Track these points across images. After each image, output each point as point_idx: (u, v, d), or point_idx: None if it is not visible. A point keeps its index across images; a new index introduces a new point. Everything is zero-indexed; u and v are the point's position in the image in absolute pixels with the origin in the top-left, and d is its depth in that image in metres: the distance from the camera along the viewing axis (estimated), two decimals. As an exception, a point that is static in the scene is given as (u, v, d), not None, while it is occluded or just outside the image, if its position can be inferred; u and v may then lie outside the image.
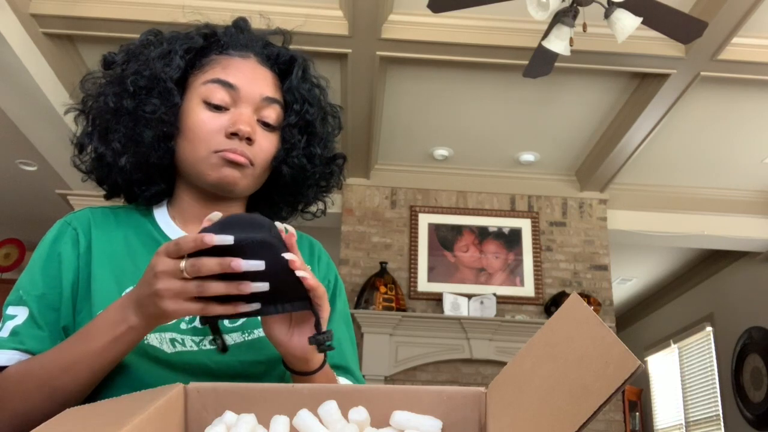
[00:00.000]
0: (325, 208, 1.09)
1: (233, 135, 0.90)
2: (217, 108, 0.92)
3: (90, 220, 0.93)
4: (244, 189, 0.94)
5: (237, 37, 0.99)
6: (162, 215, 0.97)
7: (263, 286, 0.70)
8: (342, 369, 0.95)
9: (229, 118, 0.91)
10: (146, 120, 0.91)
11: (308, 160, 0.98)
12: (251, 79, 0.94)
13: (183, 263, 0.69)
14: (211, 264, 0.69)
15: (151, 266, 0.72)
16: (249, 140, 0.91)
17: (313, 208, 1.08)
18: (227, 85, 0.92)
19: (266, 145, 0.94)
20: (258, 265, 0.69)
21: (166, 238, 0.94)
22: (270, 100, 0.94)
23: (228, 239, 0.68)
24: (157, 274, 0.71)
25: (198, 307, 0.71)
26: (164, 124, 0.92)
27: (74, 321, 0.87)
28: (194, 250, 0.69)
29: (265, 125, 0.94)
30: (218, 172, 0.91)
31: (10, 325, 0.84)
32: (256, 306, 0.73)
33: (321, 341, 0.75)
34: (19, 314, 0.85)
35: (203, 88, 0.93)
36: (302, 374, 0.81)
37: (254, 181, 0.95)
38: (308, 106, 0.97)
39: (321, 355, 0.81)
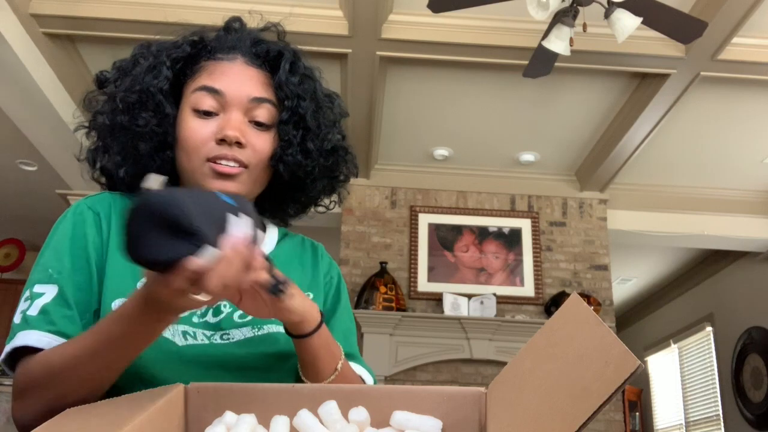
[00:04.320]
0: (340, 199, 1.09)
1: (222, 141, 0.91)
2: (207, 114, 0.93)
3: (111, 205, 0.95)
4: (243, 195, 0.95)
5: (225, 40, 0.99)
6: None
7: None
8: (350, 356, 0.98)
9: (218, 124, 0.92)
10: (140, 134, 0.93)
11: (304, 156, 0.96)
12: (238, 82, 0.94)
13: (198, 298, 0.67)
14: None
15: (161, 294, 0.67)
16: (239, 144, 0.92)
17: (326, 201, 1.08)
18: (213, 91, 0.93)
19: (260, 145, 0.94)
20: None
21: None
22: (259, 100, 0.94)
23: (211, 254, 0.63)
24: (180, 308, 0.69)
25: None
26: (157, 135, 0.94)
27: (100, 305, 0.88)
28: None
29: (258, 125, 0.94)
30: (210, 183, 0.92)
31: (39, 303, 0.84)
32: None
33: (275, 286, 0.74)
34: (47, 292, 0.85)
35: (192, 96, 0.94)
36: (300, 337, 0.83)
37: (253, 184, 0.95)
38: (299, 100, 0.96)
39: (315, 318, 0.84)
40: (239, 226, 0.66)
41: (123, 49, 1.00)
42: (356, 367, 0.97)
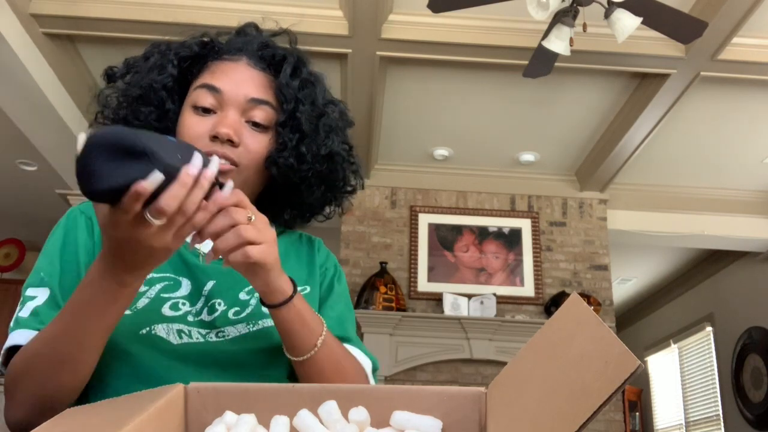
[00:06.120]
0: (343, 210, 1.09)
1: (215, 138, 0.92)
2: (206, 112, 0.94)
3: None
4: None
5: (233, 41, 1.01)
6: None
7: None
8: (345, 339, 0.98)
9: (214, 121, 0.93)
10: (139, 129, 0.93)
11: (297, 159, 0.96)
12: (237, 82, 0.95)
13: (152, 219, 0.66)
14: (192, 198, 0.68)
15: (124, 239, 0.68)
16: (231, 142, 0.92)
17: (326, 210, 1.08)
18: (213, 89, 0.94)
19: (254, 145, 0.94)
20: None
21: None
22: (257, 101, 0.95)
23: (157, 178, 0.64)
24: (147, 242, 0.68)
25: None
26: (157, 131, 0.94)
27: None
28: (138, 205, 0.65)
29: (255, 126, 0.95)
30: None
31: (30, 305, 0.86)
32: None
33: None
34: (39, 295, 0.87)
35: (193, 93, 0.96)
36: (271, 307, 0.83)
37: (243, 184, 0.95)
38: (299, 104, 0.96)
39: (287, 289, 0.83)
40: (198, 158, 0.68)
41: (123, 49, 1.01)
42: (352, 350, 0.97)
